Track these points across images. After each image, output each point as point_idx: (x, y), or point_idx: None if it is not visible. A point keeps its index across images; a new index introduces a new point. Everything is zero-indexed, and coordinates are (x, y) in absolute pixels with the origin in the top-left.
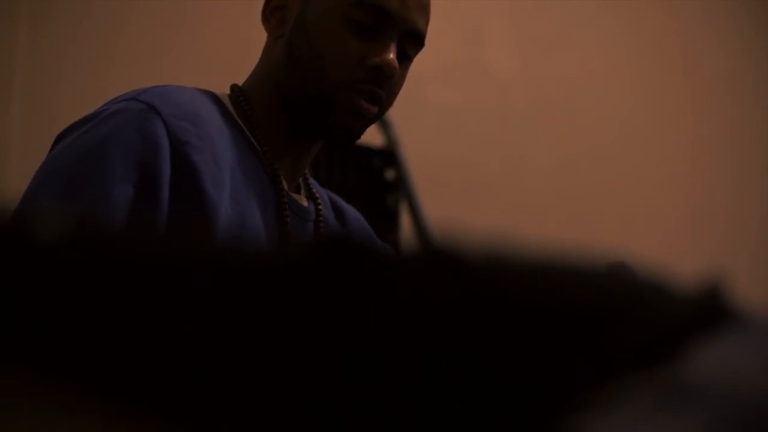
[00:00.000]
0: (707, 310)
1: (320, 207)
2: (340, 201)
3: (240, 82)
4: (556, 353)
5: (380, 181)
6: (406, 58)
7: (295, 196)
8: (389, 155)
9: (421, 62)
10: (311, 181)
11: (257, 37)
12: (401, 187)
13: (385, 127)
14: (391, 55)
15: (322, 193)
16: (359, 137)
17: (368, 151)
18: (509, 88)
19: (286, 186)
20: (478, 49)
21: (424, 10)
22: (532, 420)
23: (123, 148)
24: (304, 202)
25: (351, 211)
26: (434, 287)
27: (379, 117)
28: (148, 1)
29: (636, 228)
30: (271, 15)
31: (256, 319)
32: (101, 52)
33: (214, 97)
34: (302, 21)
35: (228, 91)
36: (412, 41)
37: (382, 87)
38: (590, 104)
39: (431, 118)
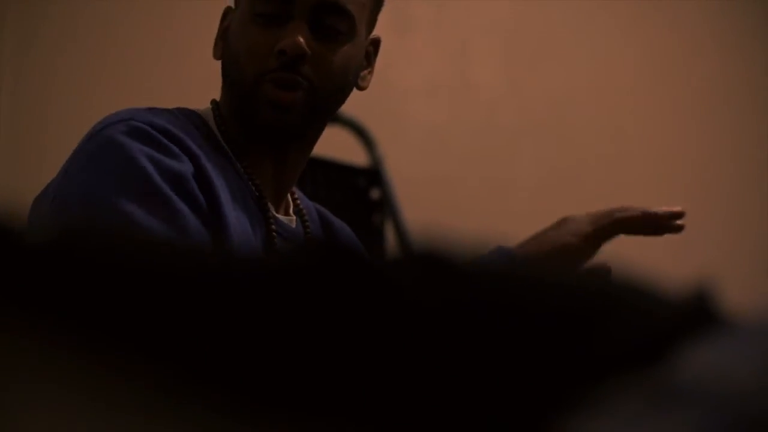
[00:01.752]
0: (696, 313)
1: (308, 225)
2: (328, 214)
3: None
4: (546, 355)
5: (365, 201)
6: (336, 33)
7: (282, 217)
8: (374, 174)
9: (406, 79)
10: (298, 194)
11: None
12: (386, 206)
13: (370, 147)
14: (296, 36)
15: (309, 207)
16: (298, 128)
17: (353, 171)
18: (495, 106)
19: (273, 208)
20: (463, 67)
21: None
22: (523, 421)
23: (157, 166)
24: (293, 224)
25: (339, 224)
26: (423, 290)
27: (317, 103)
28: (137, 16)
29: (623, 247)
30: (220, 39)
31: (241, 325)
32: (92, 61)
33: (197, 118)
34: (227, 34)
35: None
36: (331, 13)
37: (297, 71)
38: (577, 121)
39: (416, 136)
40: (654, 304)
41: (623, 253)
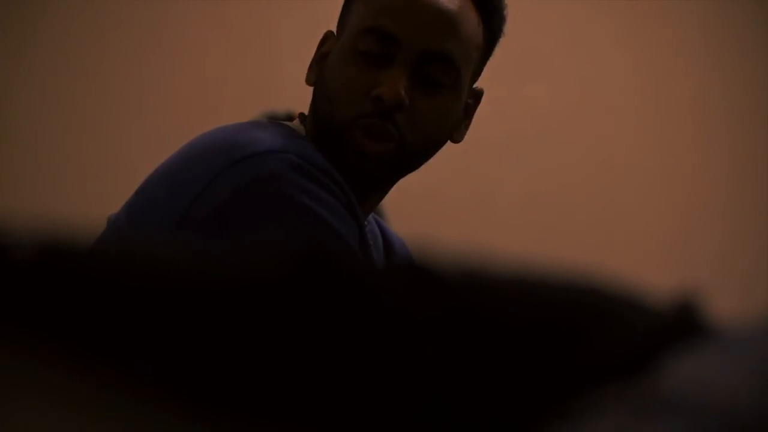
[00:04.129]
0: (682, 323)
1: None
2: (390, 233)
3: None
4: (533, 366)
5: None
6: (437, 85)
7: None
8: None
9: None
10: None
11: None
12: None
13: None
14: (396, 84)
15: (374, 230)
16: (386, 180)
17: None
18: (479, 121)
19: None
20: None
21: (446, 26)
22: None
23: (336, 201)
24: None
25: (398, 243)
26: (413, 302)
27: (406, 156)
28: (128, 21)
29: (608, 264)
30: (316, 64)
31: (227, 337)
32: (85, 67)
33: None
34: (325, 64)
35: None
36: (437, 63)
37: (392, 120)
38: (561, 138)
39: None
40: (640, 315)
41: (611, 263)
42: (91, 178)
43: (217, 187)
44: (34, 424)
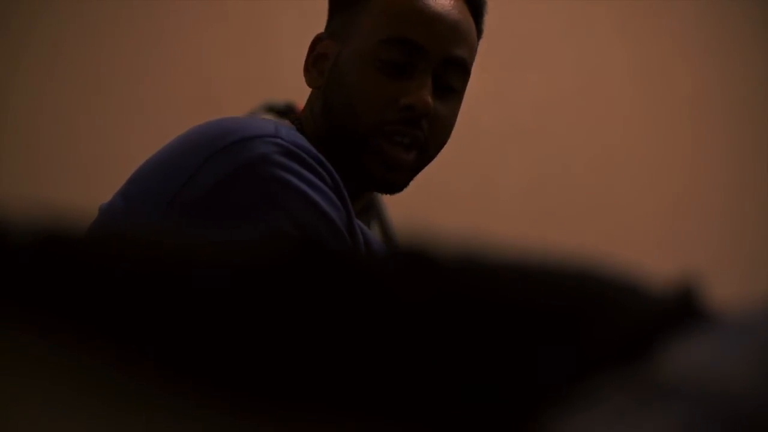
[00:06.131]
0: (682, 309)
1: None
2: (366, 229)
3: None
4: (533, 351)
5: None
6: (450, 91)
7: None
8: None
9: None
10: None
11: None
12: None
13: None
14: (425, 93)
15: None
16: (404, 186)
17: None
18: (479, 110)
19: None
20: None
21: (461, 34)
22: (511, 417)
23: (327, 185)
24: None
25: (374, 239)
26: (407, 287)
27: (424, 161)
28: (127, 23)
29: (608, 251)
30: (312, 66)
31: (229, 321)
32: (83, 69)
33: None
34: (336, 69)
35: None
36: (453, 70)
37: (419, 127)
38: (560, 126)
39: None
40: (640, 301)
41: (611, 249)
42: (91, 170)
43: (206, 172)
44: (35, 405)
